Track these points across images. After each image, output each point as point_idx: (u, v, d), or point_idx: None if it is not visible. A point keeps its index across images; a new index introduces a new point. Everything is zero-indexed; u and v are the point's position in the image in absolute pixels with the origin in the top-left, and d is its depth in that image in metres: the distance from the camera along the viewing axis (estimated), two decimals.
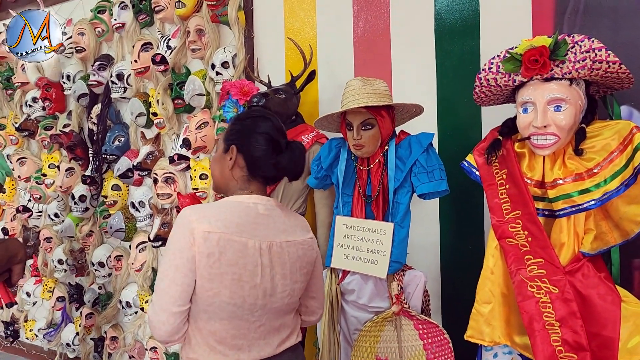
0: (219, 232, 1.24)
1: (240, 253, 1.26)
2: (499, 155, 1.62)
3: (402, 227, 1.85)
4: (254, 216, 1.32)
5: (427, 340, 1.77)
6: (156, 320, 1.24)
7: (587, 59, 1.38)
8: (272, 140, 1.37)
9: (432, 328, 1.80)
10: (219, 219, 1.27)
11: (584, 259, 1.48)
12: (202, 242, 1.22)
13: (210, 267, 1.23)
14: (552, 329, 1.47)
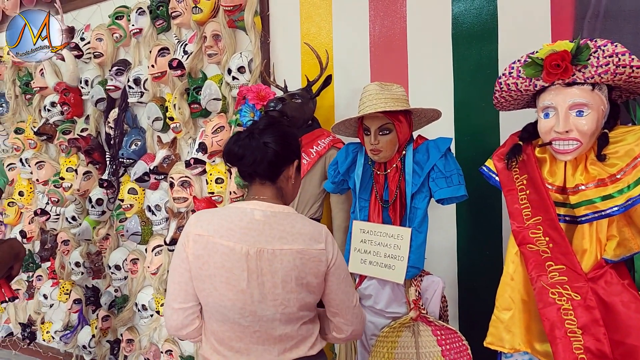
0: (207, 236, 1.31)
1: (227, 257, 1.30)
2: (520, 160, 1.60)
3: (420, 232, 1.84)
4: (247, 221, 1.33)
5: (446, 347, 1.76)
6: (165, 315, 1.39)
7: (611, 64, 1.37)
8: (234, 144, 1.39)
9: (450, 334, 1.78)
10: (212, 223, 1.33)
11: (606, 265, 1.46)
12: (193, 244, 1.31)
13: (200, 269, 1.31)
14: (574, 336, 1.45)
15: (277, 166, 1.37)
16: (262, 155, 1.34)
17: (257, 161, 1.35)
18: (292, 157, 1.42)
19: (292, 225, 1.36)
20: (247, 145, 1.35)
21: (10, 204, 3.99)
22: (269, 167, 1.36)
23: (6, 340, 4.16)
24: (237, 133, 1.41)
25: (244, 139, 1.37)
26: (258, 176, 1.39)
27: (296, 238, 1.33)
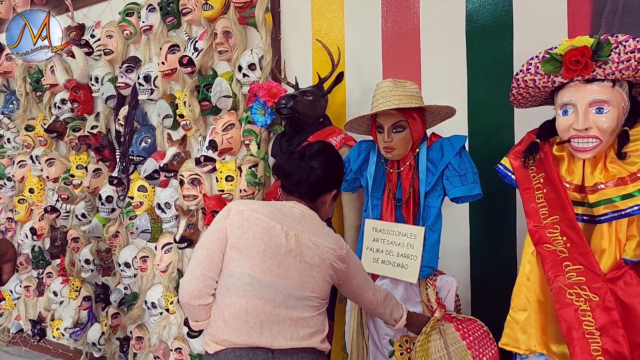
0: (250, 211, 1.40)
1: (267, 231, 1.38)
2: (537, 158, 1.57)
3: (434, 231, 1.82)
4: (288, 210, 1.46)
5: (469, 339, 1.74)
6: (183, 281, 1.39)
7: (632, 60, 1.34)
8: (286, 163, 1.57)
9: (471, 324, 1.76)
10: (255, 204, 1.43)
11: (626, 266, 1.43)
12: (235, 216, 1.39)
13: (238, 238, 1.37)
14: (592, 338, 1.43)
15: (316, 190, 1.52)
16: (306, 177, 1.50)
17: (301, 181, 1.50)
18: (333, 186, 1.57)
19: (322, 227, 1.50)
20: (297, 165, 1.51)
21: (20, 201, 4.01)
22: (309, 189, 1.52)
23: (16, 336, 4.18)
24: (291, 152, 1.58)
25: (295, 160, 1.52)
26: (298, 193, 1.54)
27: (327, 238, 1.48)
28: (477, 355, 1.75)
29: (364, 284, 1.59)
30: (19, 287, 4.12)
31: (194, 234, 3.01)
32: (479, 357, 1.75)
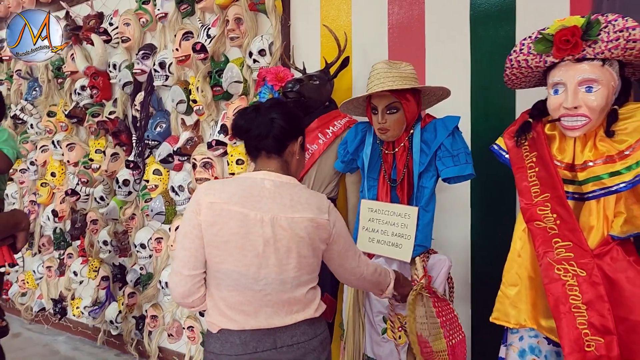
0: (220, 203, 1.35)
1: (242, 223, 1.34)
2: (529, 138, 1.60)
3: (427, 211, 1.86)
4: (258, 190, 1.39)
5: (442, 319, 1.76)
6: (171, 282, 1.38)
7: (621, 39, 1.36)
8: (240, 118, 1.47)
9: (444, 306, 1.79)
10: (224, 192, 1.37)
11: (613, 242, 1.45)
12: (207, 211, 1.34)
13: (215, 235, 1.34)
14: (578, 312, 1.46)
15: (281, 140, 1.44)
16: (268, 130, 1.42)
17: (263, 135, 1.43)
18: (297, 133, 1.49)
19: (299, 195, 1.43)
20: (253, 119, 1.43)
21: (43, 184, 4.15)
22: (274, 141, 1.43)
23: (39, 315, 4.35)
24: (243, 108, 1.48)
25: (249, 113, 1.45)
26: (264, 149, 1.45)
27: (305, 207, 1.41)
28: (448, 336, 1.78)
29: (346, 252, 1.51)
30: (42, 267, 4.28)
31: None
32: (449, 339, 1.77)
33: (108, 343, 3.84)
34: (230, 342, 1.36)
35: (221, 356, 1.35)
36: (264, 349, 1.36)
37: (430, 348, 1.78)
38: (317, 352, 1.44)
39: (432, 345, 1.78)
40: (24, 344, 4.03)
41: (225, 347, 1.36)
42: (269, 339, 1.38)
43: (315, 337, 1.44)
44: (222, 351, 1.36)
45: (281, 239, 1.37)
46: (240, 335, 1.36)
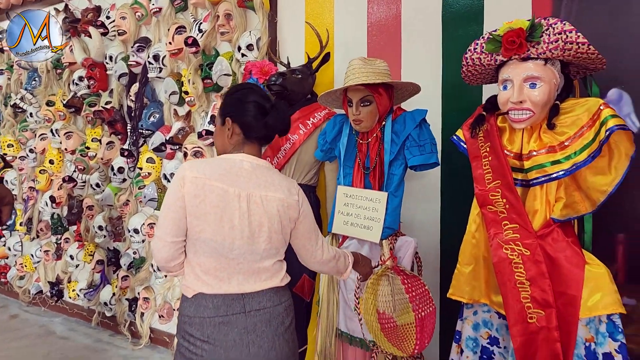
0: (203, 178, 1.49)
1: (221, 197, 1.49)
2: (484, 129, 1.75)
3: (396, 196, 2.02)
4: (237, 169, 1.54)
5: (412, 294, 1.92)
6: (155, 248, 1.52)
7: (559, 40, 1.51)
8: (258, 105, 1.60)
9: (415, 282, 1.94)
10: (207, 169, 1.51)
11: (554, 224, 1.61)
12: (190, 185, 1.47)
13: (196, 207, 1.48)
14: (522, 287, 1.62)
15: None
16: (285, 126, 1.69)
17: (278, 129, 1.66)
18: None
19: (272, 177, 1.60)
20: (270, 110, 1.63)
21: (41, 171, 4.30)
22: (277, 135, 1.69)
23: (36, 297, 4.51)
24: (264, 95, 1.64)
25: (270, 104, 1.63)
26: (264, 139, 1.66)
27: (277, 188, 1.58)
28: (417, 309, 1.94)
29: (309, 233, 1.65)
30: (40, 251, 4.43)
31: None
32: (418, 312, 1.93)
33: (102, 324, 4.01)
34: (203, 305, 1.50)
35: (194, 318, 1.50)
36: (233, 312, 1.51)
37: (393, 323, 1.93)
38: (281, 317, 1.59)
39: (396, 319, 1.93)
40: (21, 324, 4.19)
41: (199, 310, 1.50)
42: (238, 303, 1.52)
43: (280, 304, 1.60)
44: (195, 314, 1.50)
45: (254, 214, 1.53)
46: (213, 299, 1.50)
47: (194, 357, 1.49)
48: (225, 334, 1.49)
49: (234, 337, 1.49)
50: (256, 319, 1.54)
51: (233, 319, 1.51)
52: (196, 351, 1.48)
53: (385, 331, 1.91)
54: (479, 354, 1.79)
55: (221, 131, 1.62)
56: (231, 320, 1.50)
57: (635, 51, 1.93)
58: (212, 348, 1.48)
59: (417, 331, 1.89)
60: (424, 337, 1.90)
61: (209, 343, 1.48)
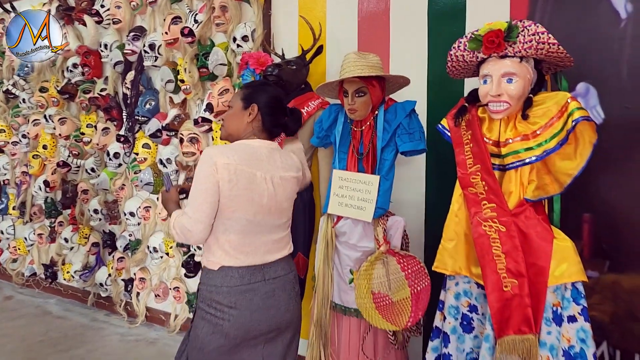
0: (234, 164, 1.66)
1: (250, 180, 1.68)
2: (466, 119, 1.95)
3: (387, 179, 2.21)
4: (258, 155, 1.74)
5: (408, 271, 2.13)
6: (195, 230, 1.65)
7: (533, 41, 1.70)
8: (283, 106, 1.85)
9: (410, 260, 2.15)
10: (234, 155, 1.68)
11: (527, 204, 1.82)
12: (223, 170, 1.64)
13: (230, 190, 1.65)
14: (498, 259, 1.82)
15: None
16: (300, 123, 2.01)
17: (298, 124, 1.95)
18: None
19: (283, 158, 1.82)
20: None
21: (34, 156, 4.39)
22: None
23: (30, 279, 4.62)
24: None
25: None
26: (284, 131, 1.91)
27: (290, 167, 1.82)
28: (413, 285, 2.15)
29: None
30: (33, 234, 4.53)
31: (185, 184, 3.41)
32: (414, 287, 2.15)
33: (97, 304, 4.15)
34: (230, 276, 1.69)
35: (222, 287, 1.68)
36: (256, 281, 1.72)
37: (389, 300, 2.13)
38: (292, 284, 1.83)
39: (392, 296, 2.13)
40: (17, 305, 4.31)
41: (226, 280, 1.69)
42: (259, 272, 1.73)
43: (291, 272, 1.84)
44: (222, 283, 1.69)
45: (278, 193, 1.75)
46: (238, 270, 1.70)
47: (221, 321, 1.68)
48: (249, 300, 1.70)
49: (257, 302, 1.71)
50: (274, 285, 1.76)
51: (255, 287, 1.71)
52: (223, 316, 1.68)
53: (380, 309, 2.12)
54: (459, 320, 2.00)
55: (241, 114, 1.79)
56: (254, 287, 1.71)
57: (601, 49, 2.14)
58: (239, 312, 1.68)
59: (412, 304, 2.10)
60: (419, 309, 2.12)
61: (236, 308, 1.68)
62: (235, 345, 1.70)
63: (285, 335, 1.81)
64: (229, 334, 1.67)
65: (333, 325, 2.36)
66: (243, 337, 1.70)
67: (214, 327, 1.68)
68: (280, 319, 1.76)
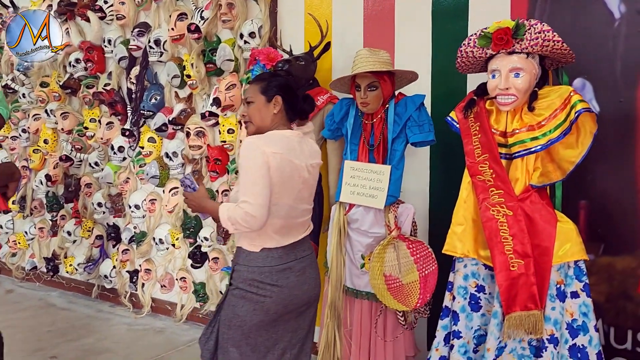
0: (280, 153, 1.77)
1: (292, 168, 1.80)
2: (474, 111, 2.09)
3: (398, 169, 2.34)
4: (292, 144, 1.85)
5: (417, 256, 2.27)
6: (259, 214, 1.72)
7: (539, 38, 1.85)
8: (296, 92, 1.95)
9: (419, 245, 2.29)
10: (277, 145, 1.79)
11: (532, 190, 1.96)
12: (272, 159, 1.74)
13: (278, 178, 1.76)
14: (506, 241, 1.96)
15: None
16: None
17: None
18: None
19: (309, 146, 1.94)
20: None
21: (35, 150, 4.42)
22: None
23: (30, 273, 4.65)
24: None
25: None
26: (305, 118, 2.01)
27: (315, 155, 1.95)
28: (421, 269, 2.29)
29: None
30: (34, 228, 4.56)
31: (198, 179, 3.51)
32: (422, 271, 2.29)
33: (101, 296, 4.21)
34: (270, 256, 1.82)
35: (264, 267, 1.81)
36: (290, 260, 1.86)
37: (399, 282, 2.27)
38: (315, 262, 2.00)
39: (402, 279, 2.27)
40: (20, 298, 4.35)
41: (267, 261, 1.82)
42: (293, 252, 1.87)
43: (312, 251, 2.01)
44: (264, 264, 1.81)
45: (308, 179, 1.88)
46: (277, 251, 1.83)
47: (262, 298, 1.81)
48: (287, 277, 1.84)
49: (293, 279, 1.85)
50: (304, 263, 1.91)
51: (291, 265, 1.86)
52: (265, 293, 1.81)
53: (391, 290, 2.25)
54: (468, 299, 2.14)
55: (266, 108, 1.88)
56: (290, 266, 1.85)
57: (596, 47, 2.29)
58: (279, 289, 1.82)
59: (420, 287, 2.24)
60: (427, 292, 2.26)
61: (277, 286, 1.81)
62: (273, 320, 1.84)
63: (311, 310, 1.97)
64: (269, 310, 1.81)
65: (345, 308, 2.48)
66: (282, 312, 1.84)
67: (255, 304, 1.81)
68: (311, 293, 1.93)
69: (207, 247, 3.47)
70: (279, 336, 1.87)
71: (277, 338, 1.87)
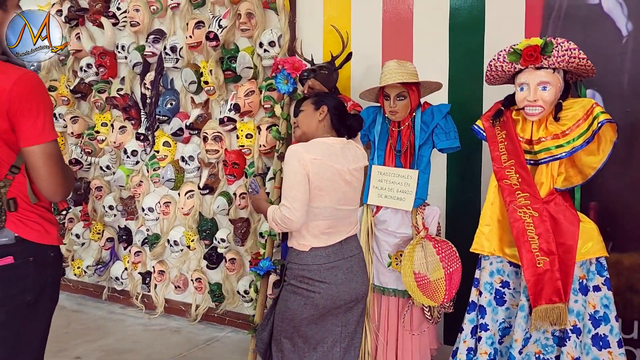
0: (320, 159, 1.91)
1: (333, 173, 1.93)
2: (501, 121, 2.26)
3: (425, 173, 2.50)
4: (334, 150, 1.98)
5: (442, 255, 2.42)
6: (295, 217, 1.88)
7: (566, 55, 2.03)
8: (344, 108, 2.12)
9: (444, 245, 2.45)
10: (317, 151, 1.93)
11: (556, 193, 2.15)
12: (311, 165, 1.88)
13: (318, 182, 1.90)
14: (532, 240, 2.14)
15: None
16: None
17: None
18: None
19: (352, 151, 2.06)
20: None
21: None
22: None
23: None
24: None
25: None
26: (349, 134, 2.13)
27: (358, 160, 2.06)
28: (447, 267, 2.45)
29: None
30: None
31: (215, 183, 3.61)
32: (447, 269, 2.45)
33: (112, 298, 4.26)
34: (319, 255, 1.95)
35: (312, 265, 1.95)
36: (338, 259, 1.99)
37: (427, 279, 2.42)
38: (363, 261, 2.12)
39: (429, 276, 2.42)
40: None
41: (316, 259, 1.95)
42: (340, 251, 2.00)
43: (361, 251, 2.14)
44: (313, 262, 1.95)
45: (352, 182, 2.00)
46: (325, 250, 1.96)
47: (312, 294, 1.94)
48: (335, 275, 1.96)
49: (341, 277, 1.97)
50: (352, 262, 2.03)
51: (339, 264, 1.98)
52: (314, 289, 1.94)
53: (420, 287, 2.40)
54: (493, 294, 2.31)
55: (312, 115, 2.04)
56: (338, 264, 1.97)
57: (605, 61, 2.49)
58: (327, 286, 1.94)
59: (446, 284, 2.39)
60: (452, 288, 2.41)
61: (325, 282, 1.94)
62: (322, 314, 1.97)
63: (359, 305, 2.09)
64: (318, 305, 1.94)
65: (373, 305, 2.63)
66: (330, 307, 1.97)
67: (306, 299, 1.94)
68: (358, 290, 2.04)
69: (223, 248, 3.57)
70: (328, 330, 2.01)
71: (327, 331, 2.01)
